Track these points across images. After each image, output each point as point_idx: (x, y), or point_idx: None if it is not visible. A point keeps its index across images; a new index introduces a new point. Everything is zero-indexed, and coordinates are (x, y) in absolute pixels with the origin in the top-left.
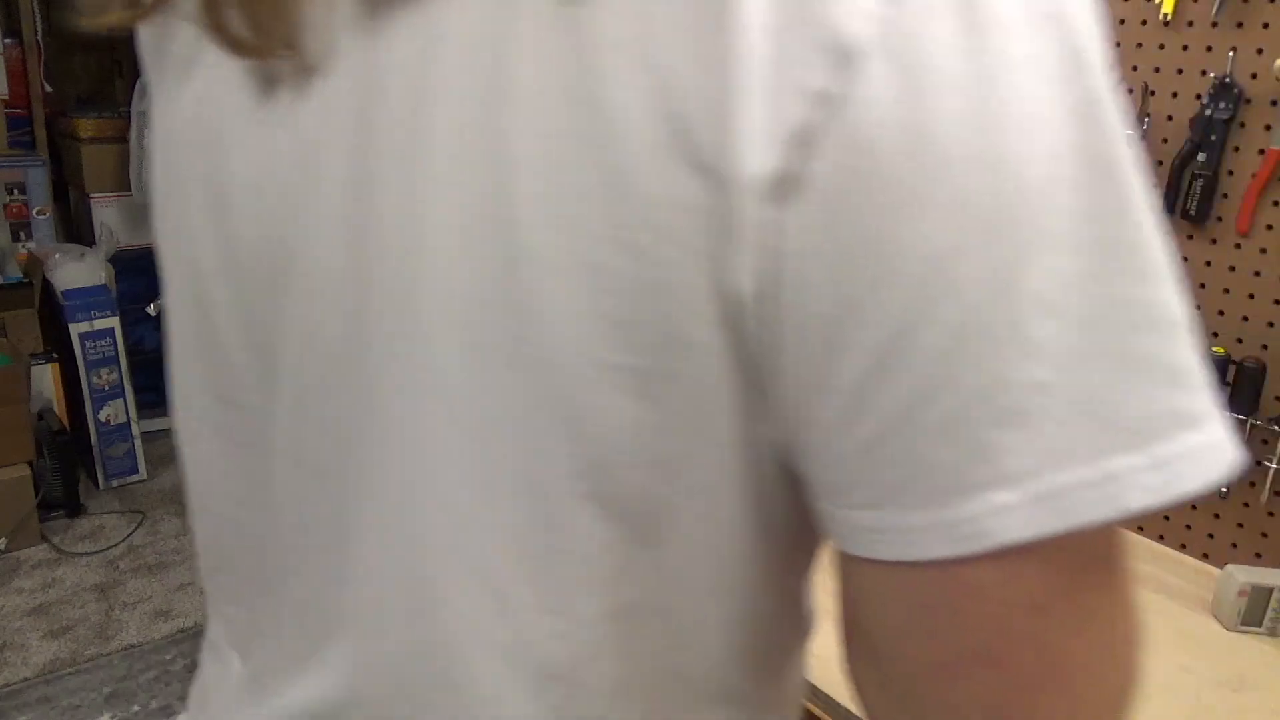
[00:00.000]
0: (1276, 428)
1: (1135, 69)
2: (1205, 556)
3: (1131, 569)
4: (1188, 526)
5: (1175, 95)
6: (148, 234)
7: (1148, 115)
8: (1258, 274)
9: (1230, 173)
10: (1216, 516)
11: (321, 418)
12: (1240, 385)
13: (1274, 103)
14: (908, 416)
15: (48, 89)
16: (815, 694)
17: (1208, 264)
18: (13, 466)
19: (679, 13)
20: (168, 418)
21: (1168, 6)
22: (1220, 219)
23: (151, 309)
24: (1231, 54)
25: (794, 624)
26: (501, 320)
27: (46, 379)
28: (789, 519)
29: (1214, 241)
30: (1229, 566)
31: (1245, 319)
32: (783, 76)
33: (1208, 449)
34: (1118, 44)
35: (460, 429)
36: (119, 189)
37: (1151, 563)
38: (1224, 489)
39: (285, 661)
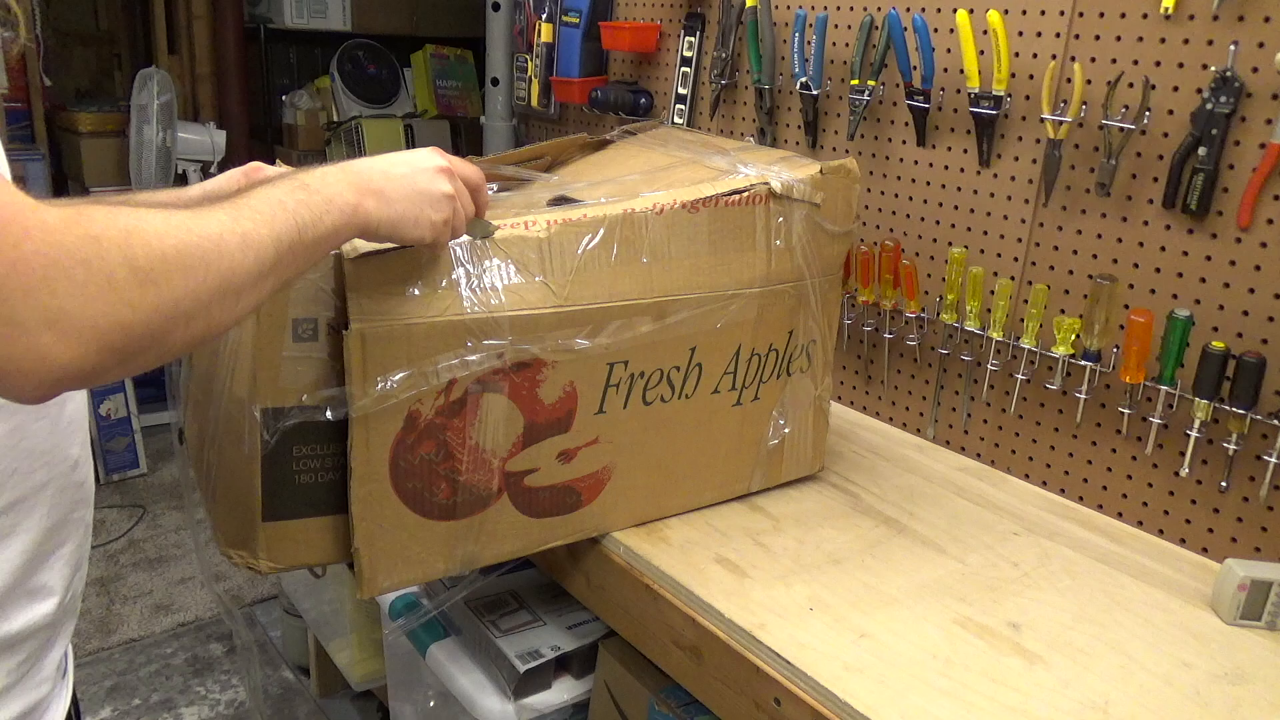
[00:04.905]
0: (1276, 422)
1: (1136, 63)
2: (1205, 550)
3: None
4: (1187, 521)
5: (1176, 89)
6: None
7: (1148, 109)
8: (1258, 268)
9: (1231, 167)
10: (1216, 511)
11: None
12: (1240, 379)
13: (1275, 96)
14: None
15: (47, 83)
16: (818, 690)
17: (1208, 258)
18: None
19: None
20: (168, 412)
21: (1169, 0)
22: (1221, 213)
23: None
24: (1232, 48)
25: None
26: None
27: None
28: None
29: (1214, 236)
30: (1228, 561)
31: (1246, 313)
32: None
33: None
34: (1118, 38)
35: None
36: (119, 182)
37: (1151, 557)
38: (1224, 483)
39: None
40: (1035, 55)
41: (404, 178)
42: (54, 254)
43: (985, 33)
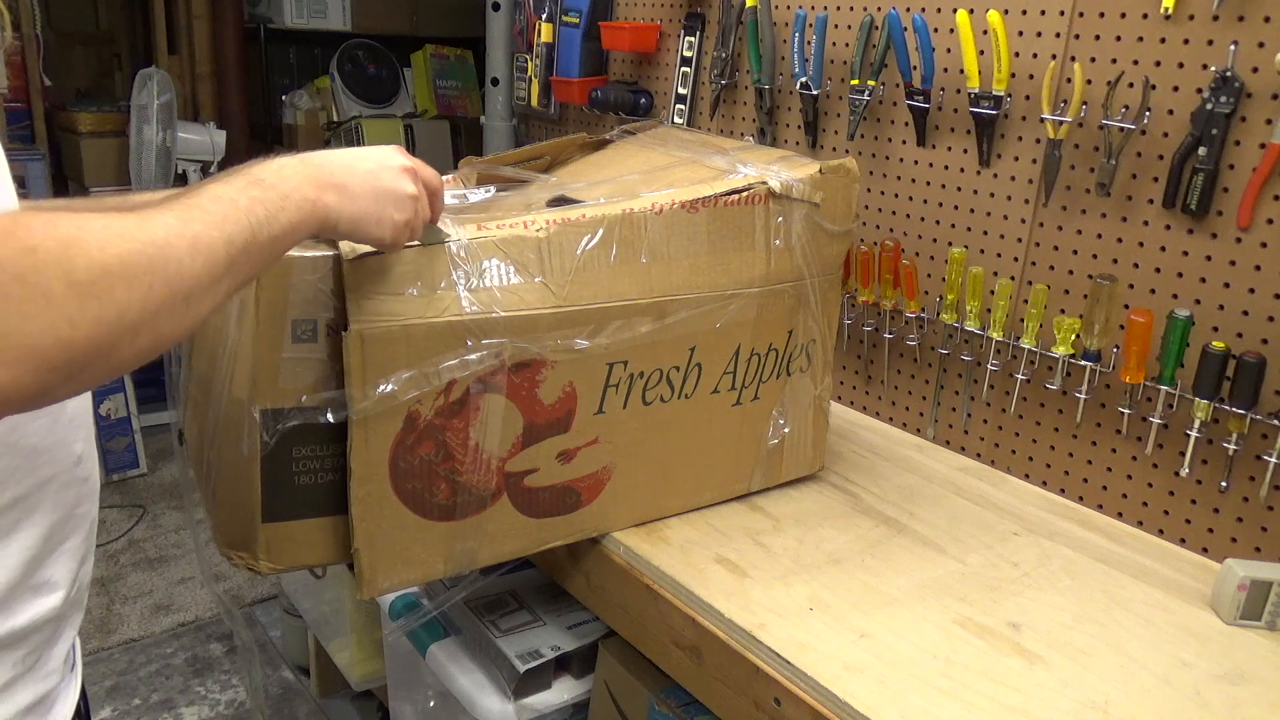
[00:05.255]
0: (1276, 422)
1: (1136, 63)
2: (1205, 550)
3: None
4: (1187, 521)
5: (1176, 89)
6: None
7: (1148, 109)
8: (1258, 268)
9: (1231, 167)
10: (1216, 510)
11: None
12: (1240, 379)
13: (1275, 96)
14: None
15: (47, 82)
16: (818, 690)
17: (1208, 258)
18: None
19: None
20: (168, 412)
21: (1169, 0)
22: (1221, 213)
23: None
24: (1232, 48)
25: None
26: None
27: None
28: None
29: (1214, 236)
30: (1228, 560)
31: (1246, 313)
32: None
33: None
34: (1118, 38)
35: None
36: (119, 182)
37: (1151, 557)
38: (1224, 483)
39: None
40: (1035, 55)
41: (368, 174)
42: None
43: (985, 33)
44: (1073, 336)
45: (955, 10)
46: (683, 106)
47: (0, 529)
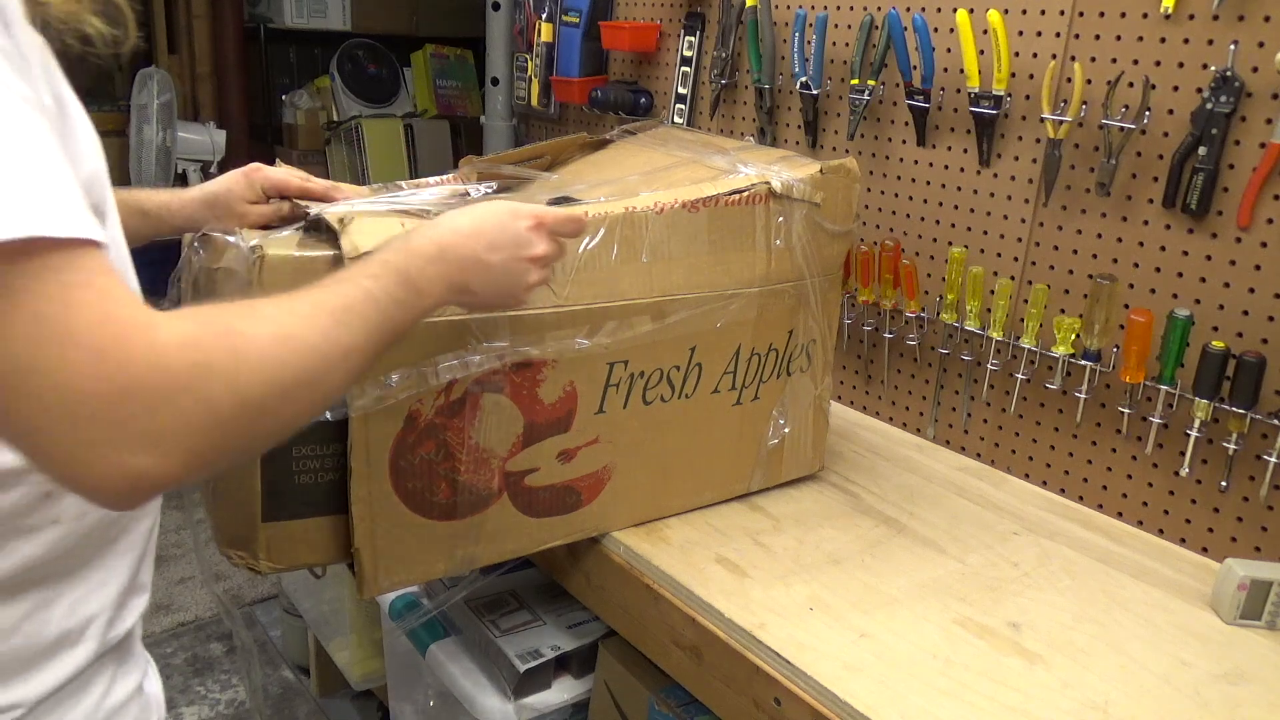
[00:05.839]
0: (1276, 422)
1: (1136, 62)
2: (1205, 550)
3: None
4: (1187, 520)
5: (1176, 89)
6: None
7: (1148, 109)
8: (1258, 268)
9: (1231, 166)
10: (1216, 510)
11: None
12: (1240, 379)
13: (1275, 96)
14: None
15: None
16: (818, 690)
17: (1208, 258)
18: None
19: None
20: None
21: (1169, 0)
22: (1221, 213)
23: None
24: (1232, 47)
25: None
26: None
27: None
28: None
29: (1214, 235)
30: (1228, 560)
31: (1246, 313)
32: None
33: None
34: (1118, 37)
35: None
36: (119, 182)
37: (1151, 557)
38: (1224, 483)
39: None
40: (1035, 55)
41: (498, 270)
42: (159, 380)
43: (985, 32)
44: (1073, 336)
45: (955, 10)
46: (683, 106)
47: (114, 534)
